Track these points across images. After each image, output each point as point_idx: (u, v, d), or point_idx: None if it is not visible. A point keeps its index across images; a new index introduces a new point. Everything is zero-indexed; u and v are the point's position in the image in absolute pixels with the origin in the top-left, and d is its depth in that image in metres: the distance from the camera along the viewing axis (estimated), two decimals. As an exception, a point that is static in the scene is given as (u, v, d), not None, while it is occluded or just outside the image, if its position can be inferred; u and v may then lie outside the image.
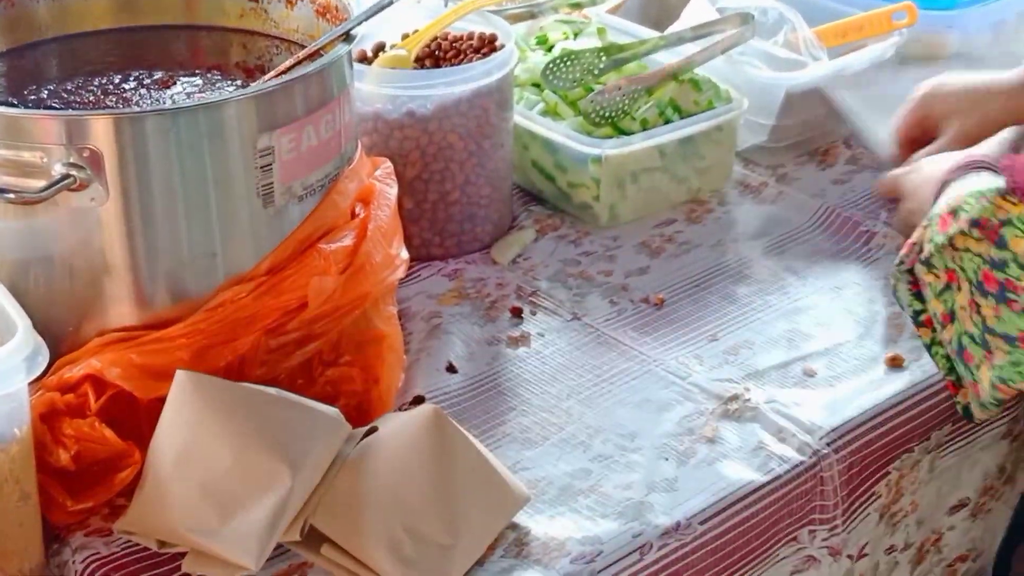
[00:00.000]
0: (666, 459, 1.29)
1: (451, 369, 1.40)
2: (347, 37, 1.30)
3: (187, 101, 1.31)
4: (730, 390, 1.37)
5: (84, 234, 1.19)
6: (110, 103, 1.31)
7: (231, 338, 1.20)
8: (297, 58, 1.31)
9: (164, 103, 1.31)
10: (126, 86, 1.34)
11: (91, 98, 1.32)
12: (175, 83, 1.36)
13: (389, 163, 1.40)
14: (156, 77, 1.36)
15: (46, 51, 1.41)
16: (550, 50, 1.76)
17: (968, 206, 1.19)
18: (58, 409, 1.17)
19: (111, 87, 1.34)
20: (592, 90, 1.65)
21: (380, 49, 1.60)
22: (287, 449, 1.14)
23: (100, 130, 1.14)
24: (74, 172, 1.15)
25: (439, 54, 1.61)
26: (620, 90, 1.63)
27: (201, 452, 1.15)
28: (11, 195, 1.15)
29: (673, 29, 1.78)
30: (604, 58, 1.68)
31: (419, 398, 1.35)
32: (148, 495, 1.16)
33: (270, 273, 1.23)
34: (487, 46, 1.60)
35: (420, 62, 1.60)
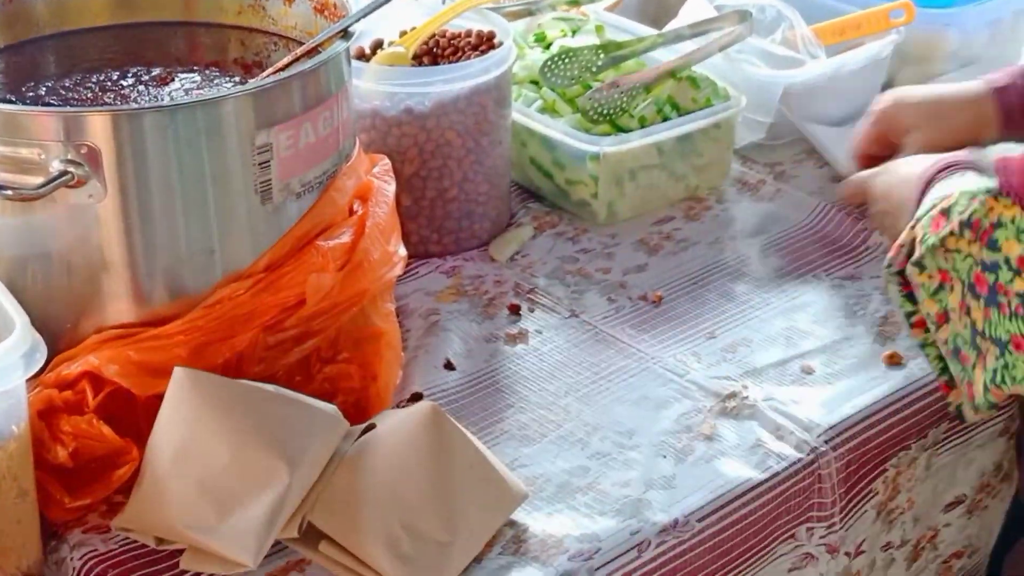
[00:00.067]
0: (664, 456, 1.29)
1: (449, 366, 1.40)
2: (345, 34, 1.30)
3: (185, 98, 1.31)
4: (728, 388, 1.37)
5: (82, 231, 1.18)
6: (108, 100, 1.31)
7: (229, 335, 1.20)
8: (295, 55, 1.31)
9: (162, 100, 1.31)
10: (124, 83, 1.34)
11: (89, 95, 1.32)
12: (173, 80, 1.35)
13: (387, 160, 1.39)
14: (154, 74, 1.36)
15: (44, 47, 1.41)
16: (548, 47, 1.76)
17: (960, 207, 1.18)
18: (56, 406, 1.17)
19: (109, 84, 1.34)
20: (590, 87, 1.65)
21: (378, 46, 1.60)
22: (285, 446, 1.14)
23: (98, 127, 1.14)
24: (72, 169, 1.15)
25: (437, 51, 1.61)
26: (618, 87, 1.63)
27: (199, 449, 1.15)
28: (9, 192, 1.15)
29: (671, 27, 1.78)
30: (602, 55, 1.68)
31: (417, 395, 1.35)
32: (146, 492, 1.16)
33: (268, 270, 1.23)
34: (485, 43, 1.60)
35: (418, 59, 1.60)
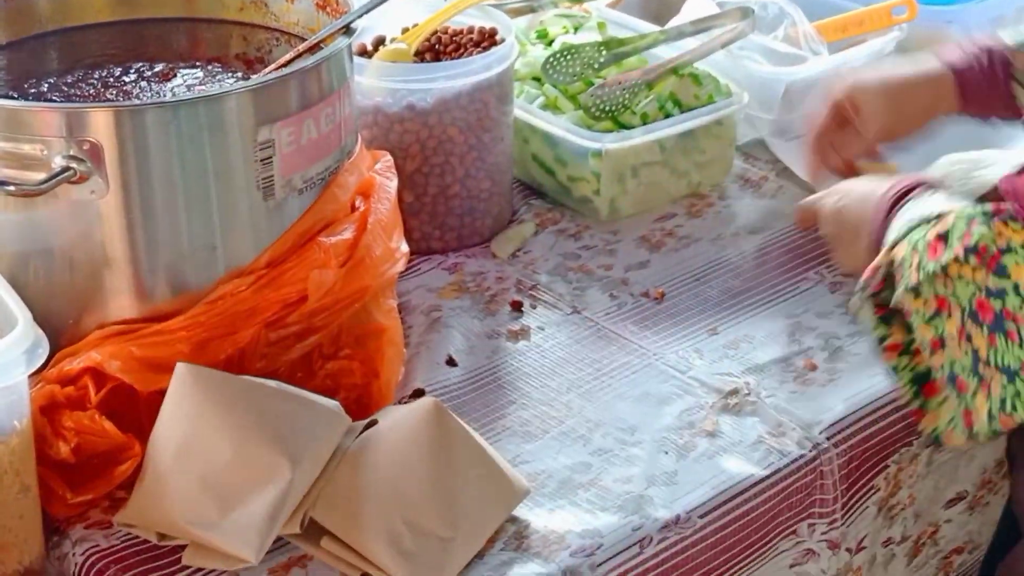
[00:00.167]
0: (666, 453, 1.29)
1: (451, 362, 1.40)
2: (347, 30, 1.30)
3: (187, 94, 1.31)
4: (730, 384, 1.37)
5: (84, 227, 1.19)
6: (110, 96, 1.31)
7: (231, 331, 1.20)
8: (297, 51, 1.31)
9: (164, 96, 1.31)
10: (126, 79, 1.34)
11: (91, 91, 1.32)
12: (175, 76, 1.35)
13: (389, 156, 1.39)
14: (156, 70, 1.36)
15: (47, 44, 1.41)
16: (550, 44, 1.76)
17: (959, 231, 1.13)
18: (58, 402, 1.17)
19: (111, 80, 1.34)
20: (592, 84, 1.65)
21: (380, 43, 1.60)
22: (287, 442, 1.14)
23: (100, 123, 1.14)
24: (74, 165, 1.15)
25: (439, 48, 1.61)
26: (620, 84, 1.63)
27: (201, 445, 1.15)
28: (11, 187, 1.15)
29: (673, 23, 1.78)
30: (604, 52, 1.68)
31: (419, 391, 1.35)
32: (148, 488, 1.16)
33: (270, 266, 1.23)
34: (487, 40, 1.60)
35: (420, 56, 1.60)
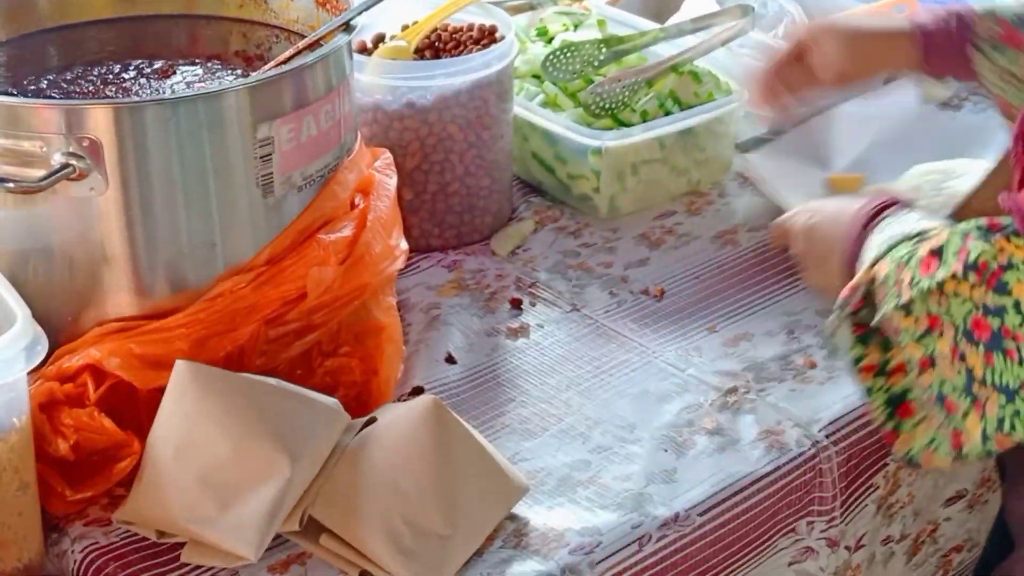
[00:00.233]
0: (665, 450, 1.29)
1: (450, 360, 1.40)
2: (347, 27, 1.30)
3: (187, 91, 1.31)
4: (729, 382, 1.37)
5: (83, 224, 1.19)
6: (110, 93, 1.31)
7: (230, 328, 1.20)
8: (297, 48, 1.31)
9: (164, 93, 1.31)
10: (126, 76, 1.34)
11: (91, 88, 1.31)
12: (175, 73, 1.35)
13: (389, 154, 1.39)
14: (156, 67, 1.36)
15: (46, 41, 1.41)
16: (550, 41, 1.76)
17: (954, 246, 1.09)
18: (57, 399, 1.17)
19: (111, 77, 1.34)
20: (592, 82, 1.65)
21: (380, 40, 1.60)
22: (286, 439, 1.14)
23: (100, 120, 1.14)
24: (73, 162, 1.15)
25: (439, 45, 1.61)
26: (620, 82, 1.63)
27: (200, 442, 1.15)
28: (10, 184, 1.15)
29: (673, 21, 1.78)
30: (604, 50, 1.68)
31: (418, 389, 1.35)
32: (147, 485, 1.16)
33: (269, 263, 1.23)
34: (487, 37, 1.60)
35: (420, 53, 1.59)
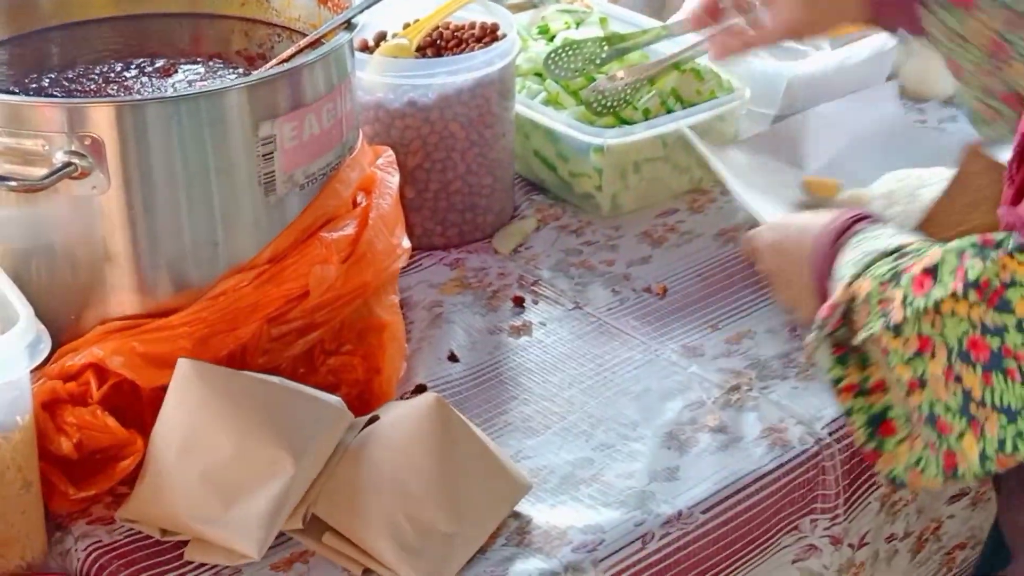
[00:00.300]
0: (668, 448, 1.29)
1: (453, 358, 1.40)
2: (348, 26, 1.29)
3: (189, 89, 1.31)
4: (732, 380, 1.37)
5: (86, 222, 1.18)
6: (112, 91, 1.31)
7: (233, 327, 1.20)
8: (299, 46, 1.31)
9: (166, 91, 1.31)
10: (128, 74, 1.34)
11: (93, 86, 1.31)
12: (177, 71, 1.35)
13: (391, 152, 1.39)
14: (158, 65, 1.36)
15: (48, 39, 1.41)
16: (552, 39, 1.76)
17: (949, 265, 1.06)
18: (60, 397, 1.17)
19: (113, 75, 1.34)
20: (594, 80, 1.65)
21: (382, 38, 1.60)
22: (289, 437, 1.14)
23: (102, 118, 1.14)
24: (76, 160, 1.15)
25: (441, 43, 1.61)
26: (622, 80, 1.63)
27: (203, 440, 1.15)
28: (13, 183, 1.15)
29: (675, 18, 1.78)
30: (606, 48, 1.67)
31: (421, 387, 1.35)
32: (150, 483, 1.16)
33: (272, 262, 1.23)
34: (489, 35, 1.60)
35: (422, 51, 1.59)
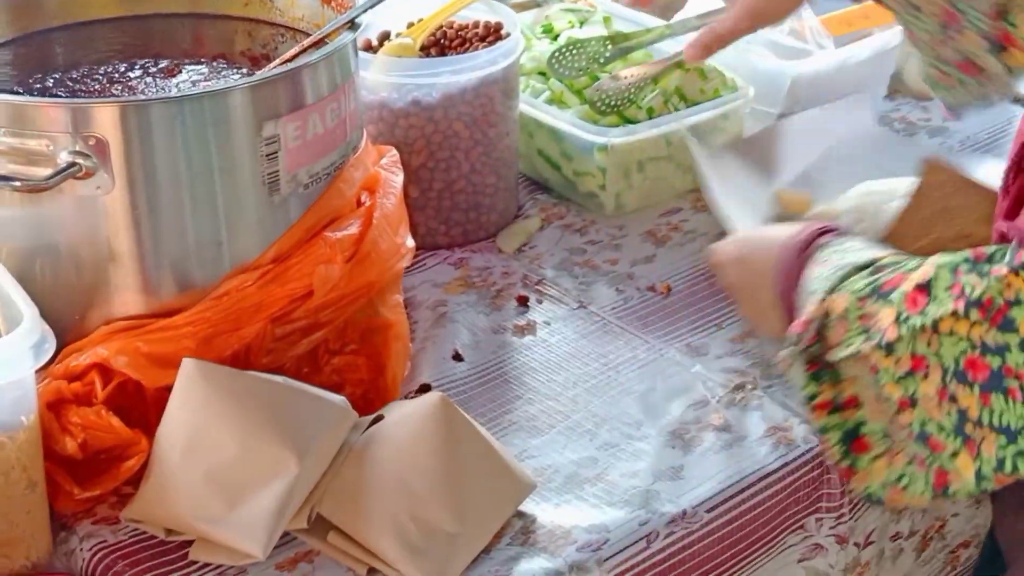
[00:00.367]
0: (672, 447, 1.29)
1: (457, 357, 1.40)
2: (352, 25, 1.29)
3: (192, 89, 1.31)
4: (736, 379, 1.37)
5: (90, 222, 1.19)
6: (116, 91, 1.31)
7: (237, 326, 1.20)
8: (302, 46, 1.31)
9: (170, 91, 1.31)
10: (132, 74, 1.34)
11: (97, 86, 1.32)
12: (180, 71, 1.35)
13: (395, 151, 1.39)
14: (161, 66, 1.36)
15: (52, 39, 1.41)
16: (556, 38, 1.76)
17: (944, 281, 1.04)
18: (65, 397, 1.18)
19: (117, 75, 1.34)
20: (598, 78, 1.65)
21: (385, 38, 1.60)
22: (294, 437, 1.14)
23: (106, 118, 1.14)
24: (80, 160, 1.15)
25: (444, 43, 1.61)
26: (626, 79, 1.63)
27: (208, 440, 1.15)
28: (17, 183, 1.15)
29: (679, 17, 1.78)
30: (610, 46, 1.67)
31: (425, 386, 1.35)
32: (155, 483, 1.16)
33: (276, 261, 1.23)
34: (493, 34, 1.60)
35: (425, 51, 1.59)
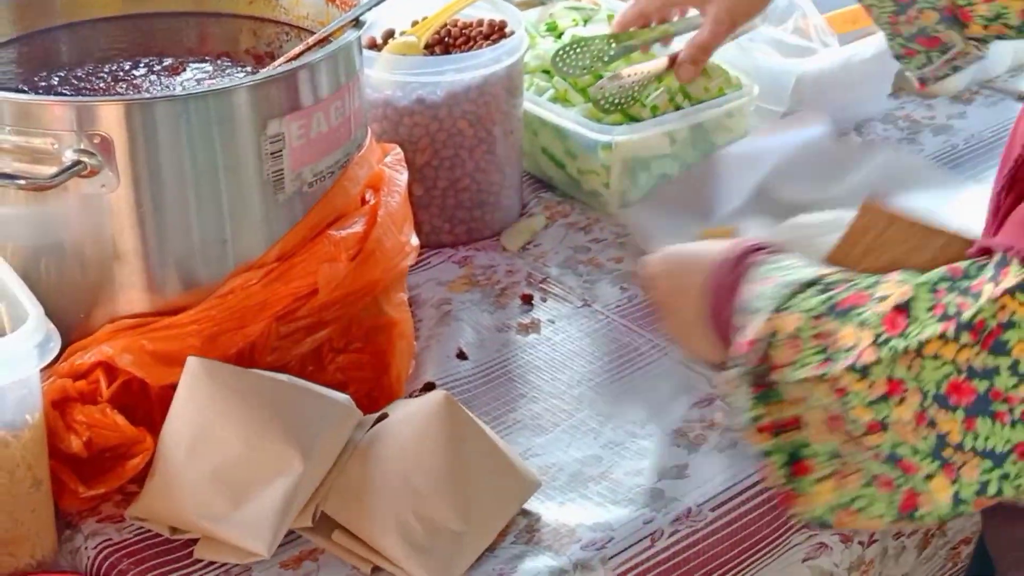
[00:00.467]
0: (677, 446, 1.29)
1: (461, 356, 1.40)
2: (357, 23, 1.29)
3: (197, 88, 1.31)
4: (741, 377, 1.37)
5: (94, 221, 1.19)
6: (120, 90, 1.31)
7: (241, 325, 1.20)
8: (307, 44, 1.31)
9: (174, 90, 1.31)
10: (136, 72, 1.34)
11: (101, 84, 1.32)
12: (185, 70, 1.35)
13: (399, 150, 1.39)
14: (166, 64, 1.36)
15: (57, 37, 1.41)
16: (560, 37, 1.76)
17: (925, 302, 0.99)
18: (70, 396, 1.18)
19: (121, 74, 1.34)
20: (602, 77, 1.65)
21: (390, 36, 1.60)
22: (298, 435, 1.14)
23: (111, 116, 1.14)
24: (85, 158, 1.15)
25: (449, 41, 1.61)
26: (630, 77, 1.63)
27: (212, 438, 1.15)
28: (22, 181, 1.15)
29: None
30: (614, 45, 1.67)
31: (429, 385, 1.35)
32: (160, 481, 1.16)
33: (280, 260, 1.23)
34: (497, 33, 1.60)
35: (430, 49, 1.59)
